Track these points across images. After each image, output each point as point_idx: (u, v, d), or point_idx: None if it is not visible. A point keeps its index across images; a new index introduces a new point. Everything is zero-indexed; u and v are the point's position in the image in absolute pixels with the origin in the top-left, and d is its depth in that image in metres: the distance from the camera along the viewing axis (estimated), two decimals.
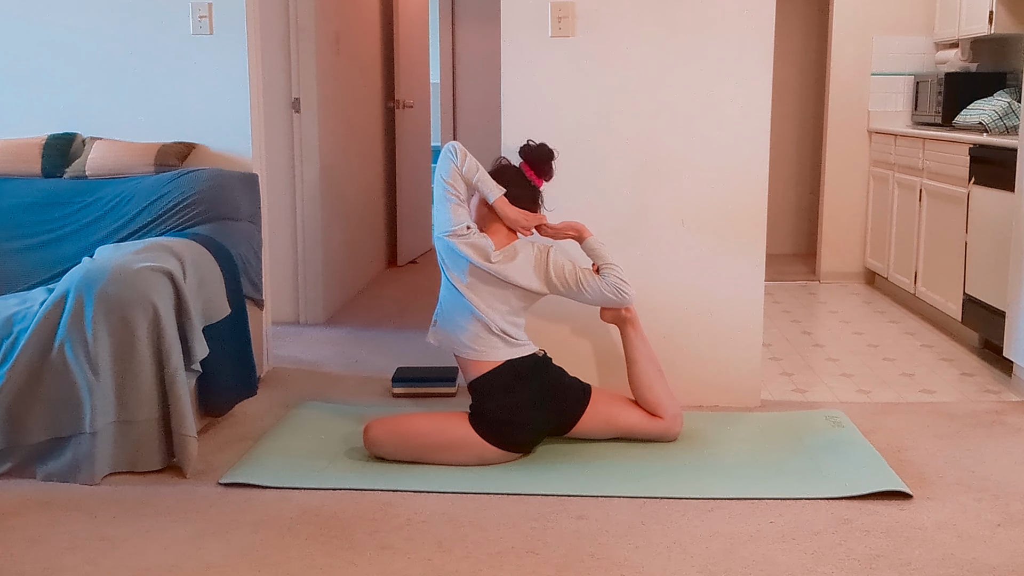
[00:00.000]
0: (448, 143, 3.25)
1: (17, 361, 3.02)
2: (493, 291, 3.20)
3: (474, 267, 3.19)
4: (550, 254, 3.29)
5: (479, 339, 3.18)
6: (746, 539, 2.65)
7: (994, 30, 5.17)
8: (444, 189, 3.21)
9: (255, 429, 3.53)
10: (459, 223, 3.20)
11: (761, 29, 3.61)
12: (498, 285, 3.21)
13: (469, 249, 3.19)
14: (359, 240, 6.03)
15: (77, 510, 2.85)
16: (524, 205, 3.32)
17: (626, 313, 3.40)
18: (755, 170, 3.68)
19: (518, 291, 3.23)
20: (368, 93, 6.21)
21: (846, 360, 4.47)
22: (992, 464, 3.20)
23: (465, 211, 3.24)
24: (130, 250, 3.26)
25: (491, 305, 3.20)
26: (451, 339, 3.23)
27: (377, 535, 2.68)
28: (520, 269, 3.23)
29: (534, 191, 3.36)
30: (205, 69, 4.03)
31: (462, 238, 3.19)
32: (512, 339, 3.20)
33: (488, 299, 3.20)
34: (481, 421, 3.14)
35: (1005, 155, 4.26)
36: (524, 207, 3.32)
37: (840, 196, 6.34)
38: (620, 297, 3.32)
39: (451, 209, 3.20)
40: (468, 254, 3.18)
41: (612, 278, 3.31)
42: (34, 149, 3.95)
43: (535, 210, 3.37)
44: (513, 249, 3.25)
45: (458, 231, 3.19)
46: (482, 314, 3.17)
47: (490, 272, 3.19)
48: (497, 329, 3.17)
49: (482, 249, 3.20)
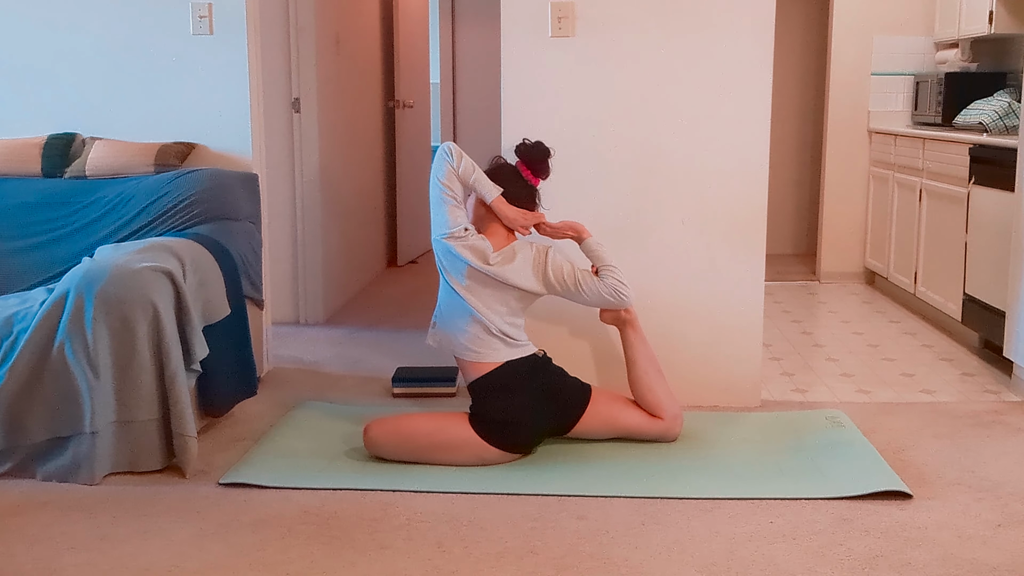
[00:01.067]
0: (443, 144, 3.24)
1: (17, 361, 3.02)
2: (492, 292, 3.20)
3: (472, 269, 3.18)
4: (549, 255, 3.29)
5: (478, 340, 3.18)
6: (746, 539, 2.65)
7: (994, 30, 5.17)
8: (440, 191, 3.20)
9: (255, 429, 3.53)
10: (457, 225, 3.19)
11: (761, 28, 3.61)
12: (497, 287, 3.21)
13: (467, 251, 3.18)
14: (359, 240, 6.03)
15: (77, 510, 2.85)
16: (522, 204, 3.32)
17: (625, 314, 3.40)
18: (755, 170, 3.68)
19: (517, 292, 3.23)
20: (368, 93, 6.21)
21: (846, 360, 4.47)
22: (992, 464, 3.20)
23: (462, 213, 3.23)
24: (130, 250, 3.26)
25: (490, 307, 3.20)
26: (450, 341, 3.23)
27: (377, 535, 2.68)
28: (518, 270, 3.23)
29: (531, 190, 3.36)
30: (205, 69, 4.03)
31: (460, 240, 3.19)
32: (511, 340, 3.20)
33: (487, 300, 3.20)
34: (481, 422, 3.13)
35: (1005, 155, 4.26)
36: (522, 206, 3.32)
37: (840, 196, 6.34)
38: (619, 299, 3.32)
39: (448, 211, 3.20)
40: (466, 256, 3.18)
41: (611, 280, 3.31)
42: (34, 149, 3.95)
43: (533, 209, 3.37)
44: (511, 250, 3.25)
45: (456, 233, 3.19)
46: (481, 315, 3.17)
47: (488, 274, 3.19)
48: (496, 330, 3.17)
49: (480, 251, 3.20)
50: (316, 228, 5.17)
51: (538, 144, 3.37)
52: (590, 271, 3.34)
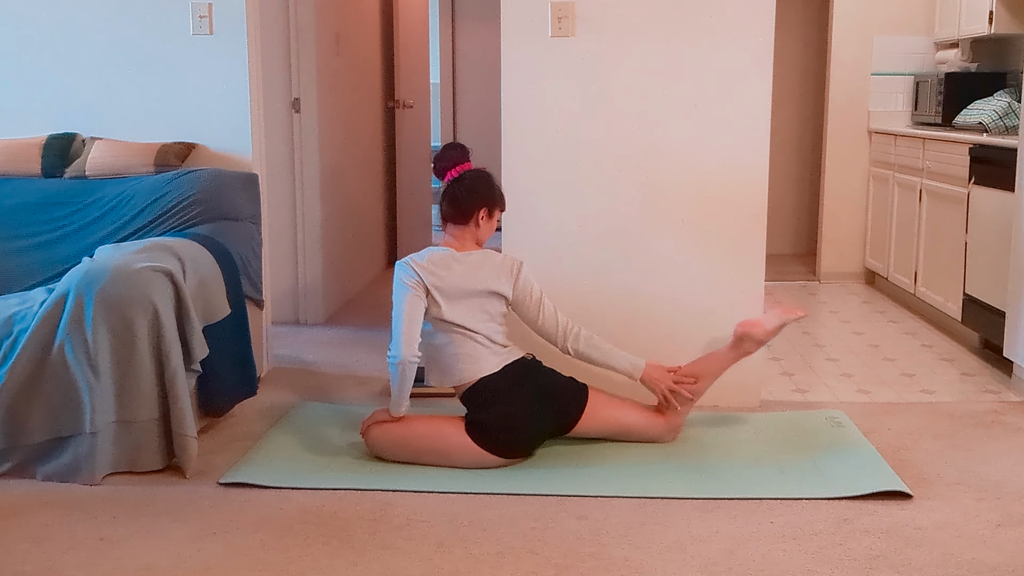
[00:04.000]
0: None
1: (17, 361, 3.02)
2: (470, 303, 3.18)
3: (443, 289, 3.15)
4: (523, 266, 3.28)
5: (470, 357, 3.15)
6: (746, 539, 2.65)
7: (994, 30, 5.17)
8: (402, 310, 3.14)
9: (255, 429, 3.53)
10: (414, 297, 3.14)
11: (761, 28, 3.61)
12: (473, 295, 3.18)
13: (428, 275, 3.15)
14: (359, 240, 6.03)
15: (77, 510, 2.85)
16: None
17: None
18: (755, 170, 3.68)
19: (492, 296, 3.21)
20: (368, 93, 6.21)
21: (846, 360, 4.47)
22: (992, 464, 3.20)
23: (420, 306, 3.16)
24: (130, 250, 3.26)
25: (475, 317, 3.18)
26: (448, 370, 3.19)
27: (377, 535, 2.68)
28: (491, 273, 3.22)
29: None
30: (205, 69, 4.03)
31: (418, 282, 3.15)
32: (500, 346, 3.19)
33: (472, 312, 3.17)
34: (480, 431, 3.11)
35: (1005, 155, 4.26)
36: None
37: (840, 196, 6.34)
38: (562, 345, 3.30)
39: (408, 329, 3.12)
40: (430, 281, 3.15)
41: (585, 335, 3.28)
42: (34, 149, 3.95)
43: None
44: (482, 255, 3.24)
45: (412, 285, 3.14)
46: (470, 329, 3.15)
47: (461, 280, 3.17)
48: (485, 339, 3.16)
49: (440, 259, 3.18)
50: (316, 228, 5.17)
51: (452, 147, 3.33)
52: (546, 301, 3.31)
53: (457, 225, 3.27)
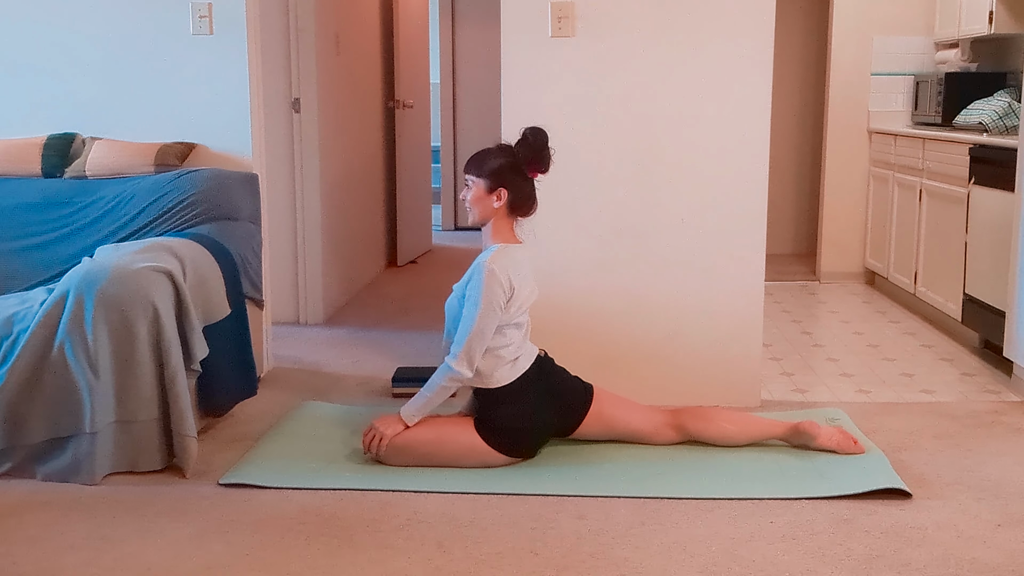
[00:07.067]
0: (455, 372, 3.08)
1: (17, 361, 3.02)
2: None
3: (520, 293, 3.11)
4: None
5: (516, 347, 3.13)
6: (746, 539, 2.65)
7: (994, 30, 5.17)
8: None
9: (255, 429, 3.53)
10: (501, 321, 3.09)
11: (761, 28, 3.61)
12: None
13: (511, 282, 3.08)
14: (359, 240, 6.03)
15: (77, 510, 2.85)
16: (526, 203, 3.22)
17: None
18: (755, 170, 3.68)
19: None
20: (368, 93, 6.21)
21: (846, 360, 4.47)
22: (992, 464, 3.20)
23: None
24: (130, 250, 3.26)
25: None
26: (491, 370, 3.12)
27: (377, 535, 2.68)
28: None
29: (532, 185, 3.23)
30: (205, 69, 4.03)
31: (506, 299, 3.08)
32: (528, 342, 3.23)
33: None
34: (489, 429, 3.11)
35: (1005, 155, 4.26)
36: (526, 203, 3.22)
37: (840, 196, 6.34)
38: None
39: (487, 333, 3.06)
40: (517, 285, 3.09)
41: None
42: (34, 149, 3.95)
43: (533, 203, 3.26)
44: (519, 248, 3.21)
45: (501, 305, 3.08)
46: (526, 316, 3.17)
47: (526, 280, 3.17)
48: (528, 329, 3.20)
49: (514, 262, 3.12)
50: (316, 228, 5.17)
51: (537, 134, 3.18)
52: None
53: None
